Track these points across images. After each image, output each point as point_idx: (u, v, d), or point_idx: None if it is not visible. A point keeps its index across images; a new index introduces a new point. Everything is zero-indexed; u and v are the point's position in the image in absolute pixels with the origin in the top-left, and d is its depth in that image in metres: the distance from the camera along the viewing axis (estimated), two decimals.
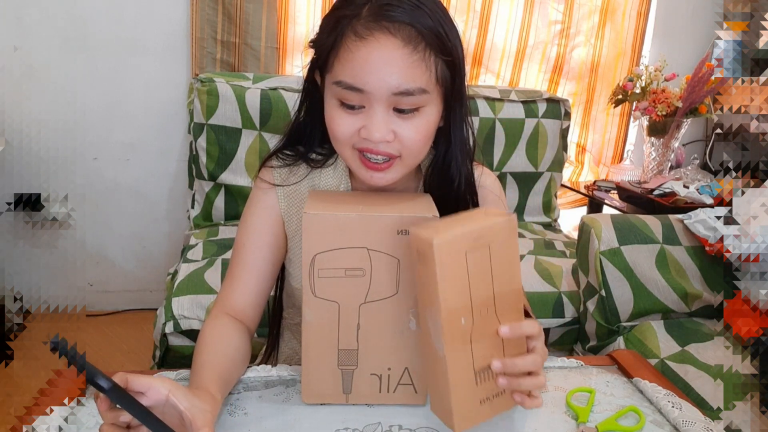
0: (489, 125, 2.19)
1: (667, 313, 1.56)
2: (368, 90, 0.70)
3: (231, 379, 0.74)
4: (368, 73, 0.69)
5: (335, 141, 0.77)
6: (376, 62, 0.69)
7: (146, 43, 2.19)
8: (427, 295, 0.63)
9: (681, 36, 2.64)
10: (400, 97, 0.70)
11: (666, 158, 2.40)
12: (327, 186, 0.86)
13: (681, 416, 0.74)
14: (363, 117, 0.72)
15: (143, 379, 0.57)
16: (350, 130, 0.73)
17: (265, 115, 2.00)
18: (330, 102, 0.74)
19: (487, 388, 0.66)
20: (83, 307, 2.39)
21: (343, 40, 0.70)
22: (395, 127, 0.72)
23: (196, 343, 0.76)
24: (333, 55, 0.72)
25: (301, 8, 2.26)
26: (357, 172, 0.78)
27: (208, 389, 0.65)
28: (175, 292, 1.56)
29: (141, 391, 0.57)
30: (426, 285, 0.63)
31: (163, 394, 0.58)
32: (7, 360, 2.02)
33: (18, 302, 2.26)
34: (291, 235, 0.86)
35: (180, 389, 0.59)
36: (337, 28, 0.72)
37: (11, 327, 2.16)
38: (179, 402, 0.58)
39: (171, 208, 2.38)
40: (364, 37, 0.69)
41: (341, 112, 0.73)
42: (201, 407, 0.60)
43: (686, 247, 1.59)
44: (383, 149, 0.73)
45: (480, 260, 0.62)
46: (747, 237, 1.25)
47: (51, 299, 2.36)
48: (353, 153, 0.76)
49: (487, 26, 2.43)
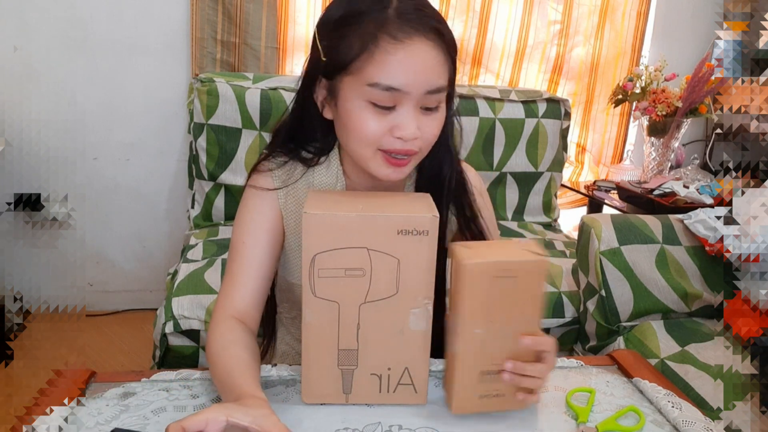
0: (489, 125, 2.19)
1: (667, 313, 1.56)
2: (406, 90, 0.73)
3: (259, 378, 0.73)
4: (407, 74, 0.72)
5: (359, 141, 0.77)
6: (414, 63, 0.72)
7: (146, 43, 2.19)
8: (455, 301, 0.71)
9: (681, 36, 2.64)
10: (429, 95, 0.74)
11: (666, 158, 2.40)
12: (322, 183, 0.86)
13: (681, 416, 0.74)
14: (393, 117, 0.75)
15: (197, 418, 0.56)
16: (380, 130, 0.75)
17: (265, 115, 2.00)
18: (356, 103, 0.75)
19: (488, 388, 0.72)
20: (83, 307, 2.39)
21: (377, 43, 0.72)
22: (419, 123, 0.76)
23: (208, 352, 0.75)
24: (364, 59, 0.73)
25: (301, 8, 2.26)
26: (375, 171, 0.79)
27: (252, 393, 0.64)
28: (175, 292, 1.56)
29: (200, 429, 0.56)
30: (455, 294, 0.70)
31: (222, 422, 0.57)
32: (7, 360, 2.02)
33: (18, 302, 2.26)
34: (289, 232, 0.86)
35: (235, 408, 0.59)
36: (363, 33, 0.73)
37: (11, 327, 2.16)
38: (240, 420, 0.57)
39: (171, 208, 2.38)
40: (402, 40, 0.72)
41: (371, 114, 0.75)
42: (262, 413, 0.59)
43: (686, 247, 1.59)
44: (410, 147, 0.76)
45: (506, 288, 0.69)
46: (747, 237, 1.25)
47: (51, 299, 2.36)
48: (375, 153, 0.77)
49: (486, 26, 2.43)
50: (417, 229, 0.68)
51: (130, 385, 0.78)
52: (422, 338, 0.72)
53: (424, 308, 0.71)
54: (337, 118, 0.80)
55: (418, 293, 0.70)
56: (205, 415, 0.57)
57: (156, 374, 0.80)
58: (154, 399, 0.75)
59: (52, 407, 0.69)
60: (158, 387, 0.77)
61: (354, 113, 0.75)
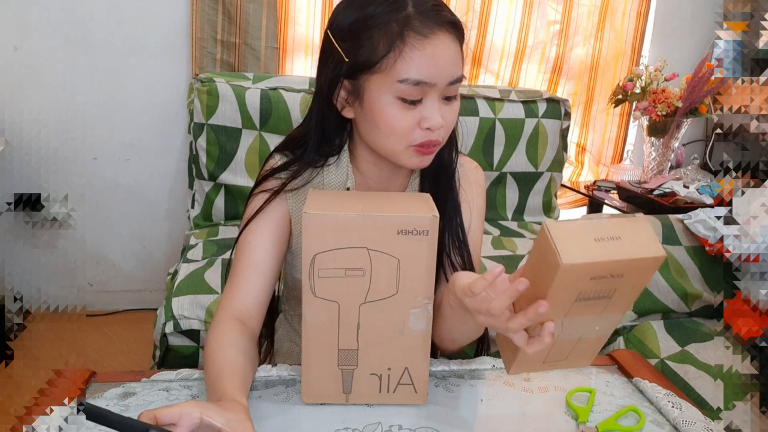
0: (489, 125, 2.19)
1: (667, 313, 1.56)
2: (433, 82, 0.76)
3: (249, 384, 0.73)
4: (434, 67, 0.75)
5: (391, 137, 0.79)
6: (439, 56, 0.76)
7: (146, 43, 2.19)
8: (534, 285, 0.57)
9: (681, 36, 2.64)
10: (451, 85, 0.78)
11: (666, 158, 2.40)
12: (333, 182, 0.88)
13: (681, 416, 0.74)
14: (419, 110, 0.78)
15: (172, 410, 0.56)
16: (410, 123, 0.78)
17: (265, 115, 2.00)
18: (385, 99, 0.77)
19: (548, 359, 0.65)
20: (83, 307, 2.39)
21: (405, 41, 0.75)
22: (443, 113, 0.79)
23: (205, 351, 0.76)
24: (393, 57, 0.75)
25: (301, 8, 2.26)
26: (407, 162, 0.81)
27: (234, 397, 0.64)
28: (175, 292, 1.56)
29: (172, 422, 0.56)
30: (537, 279, 0.57)
31: (196, 418, 0.57)
32: (7, 360, 2.02)
33: (18, 302, 2.26)
34: (297, 232, 0.88)
35: (211, 408, 0.59)
36: (389, 32, 0.75)
37: (11, 327, 2.16)
38: (215, 420, 0.57)
39: (171, 208, 2.38)
40: (427, 35, 0.75)
41: (401, 109, 0.77)
42: (237, 418, 0.59)
43: (686, 247, 1.59)
44: (437, 137, 0.79)
45: (606, 287, 0.57)
46: (747, 237, 1.25)
47: (51, 299, 2.36)
48: (407, 147, 0.80)
49: (486, 26, 2.43)
50: (417, 229, 0.68)
51: (130, 385, 0.78)
52: (422, 338, 0.72)
53: (424, 308, 0.71)
54: (362, 117, 0.81)
55: (418, 293, 0.70)
56: (179, 408, 0.57)
57: (156, 374, 0.80)
58: (154, 399, 0.75)
59: (52, 407, 0.69)
60: (158, 387, 0.77)
61: (383, 110, 0.78)
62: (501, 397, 0.78)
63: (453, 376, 0.82)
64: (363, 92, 0.79)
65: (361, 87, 0.79)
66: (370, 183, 0.90)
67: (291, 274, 0.94)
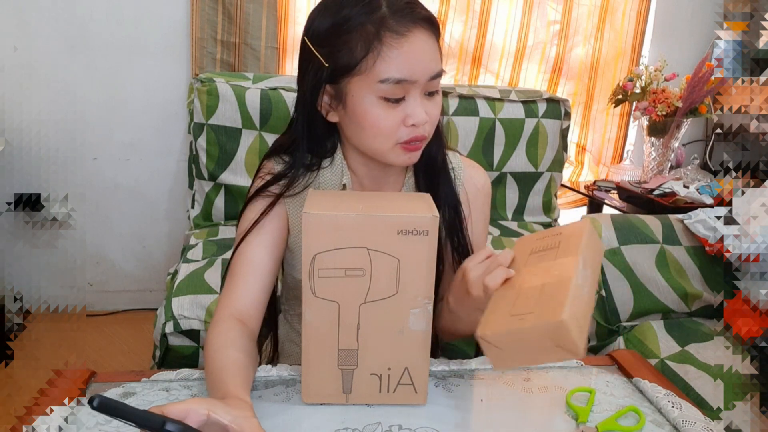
0: (489, 125, 2.19)
1: (667, 313, 1.56)
2: (414, 79, 0.77)
3: (250, 383, 0.73)
4: (414, 64, 0.77)
5: (376, 137, 0.80)
6: (417, 53, 0.77)
7: (146, 43, 2.19)
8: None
9: (681, 36, 2.64)
10: (432, 80, 0.79)
11: (666, 158, 2.40)
12: (329, 182, 0.88)
13: (681, 416, 0.74)
14: (402, 107, 0.78)
15: (179, 407, 0.56)
16: (395, 122, 0.79)
17: (265, 115, 2.00)
18: (368, 100, 0.78)
19: (515, 310, 0.67)
20: (83, 307, 2.39)
21: (382, 41, 0.75)
22: (426, 108, 0.80)
23: (205, 351, 0.76)
24: (371, 58, 0.76)
25: (301, 8, 2.26)
26: (394, 160, 0.82)
27: (238, 395, 0.64)
28: (175, 292, 1.56)
29: (179, 418, 0.56)
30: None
31: (203, 415, 0.57)
32: (7, 360, 2.02)
33: (18, 302, 2.26)
34: (295, 232, 0.88)
35: (218, 405, 0.59)
36: (365, 34, 0.75)
37: (11, 327, 2.16)
38: (221, 417, 0.57)
39: (171, 208, 2.38)
40: (404, 34, 0.76)
41: (384, 109, 0.78)
42: (243, 415, 0.59)
43: (686, 247, 1.59)
44: (422, 132, 0.80)
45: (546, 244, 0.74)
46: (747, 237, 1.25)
47: (51, 299, 2.36)
48: (394, 146, 0.81)
49: (486, 26, 2.43)
50: (417, 229, 0.68)
51: (130, 385, 0.78)
52: (422, 338, 0.72)
53: (424, 308, 0.71)
54: (346, 119, 0.82)
55: (418, 293, 0.70)
56: (187, 405, 0.56)
57: (156, 374, 0.80)
58: (154, 399, 0.75)
59: (52, 407, 0.69)
60: (158, 387, 0.77)
61: (367, 111, 0.78)
62: (501, 397, 0.78)
63: (453, 376, 0.82)
64: (345, 95, 0.79)
65: (343, 90, 0.79)
66: (364, 182, 0.90)
67: (290, 274, 0.94)
